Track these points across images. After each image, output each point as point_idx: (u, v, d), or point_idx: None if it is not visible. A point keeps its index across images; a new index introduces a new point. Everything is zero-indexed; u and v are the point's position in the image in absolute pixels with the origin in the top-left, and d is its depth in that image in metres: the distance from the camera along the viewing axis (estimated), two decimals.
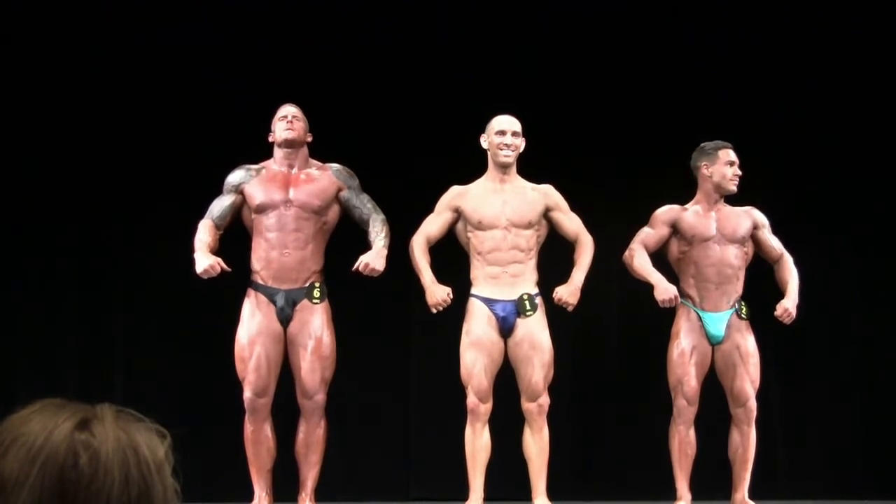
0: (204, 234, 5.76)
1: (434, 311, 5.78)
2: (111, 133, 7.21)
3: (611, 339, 7.42)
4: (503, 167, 5.88)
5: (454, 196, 5.93)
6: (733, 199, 6.12)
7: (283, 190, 5.82)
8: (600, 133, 7.34)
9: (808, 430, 7.33)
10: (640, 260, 6.01)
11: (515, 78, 7.27)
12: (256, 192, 5.83)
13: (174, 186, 7.09)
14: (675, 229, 6.07)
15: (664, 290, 5.90)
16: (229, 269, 5.66)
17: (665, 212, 6.10)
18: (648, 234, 6.07)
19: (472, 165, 6.01)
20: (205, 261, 5.63)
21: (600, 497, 6.95)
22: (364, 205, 5.88)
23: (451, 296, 5.77)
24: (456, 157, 6.28)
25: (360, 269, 5.66)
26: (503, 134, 5.85)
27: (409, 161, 7.26)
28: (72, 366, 7.16)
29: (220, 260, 5.64)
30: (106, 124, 7.21)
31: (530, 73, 7.35)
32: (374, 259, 5.69)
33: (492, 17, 7.44)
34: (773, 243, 6.10)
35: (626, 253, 6.04)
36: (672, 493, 6.05)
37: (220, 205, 5.87)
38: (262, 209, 5.81)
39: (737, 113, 7.17)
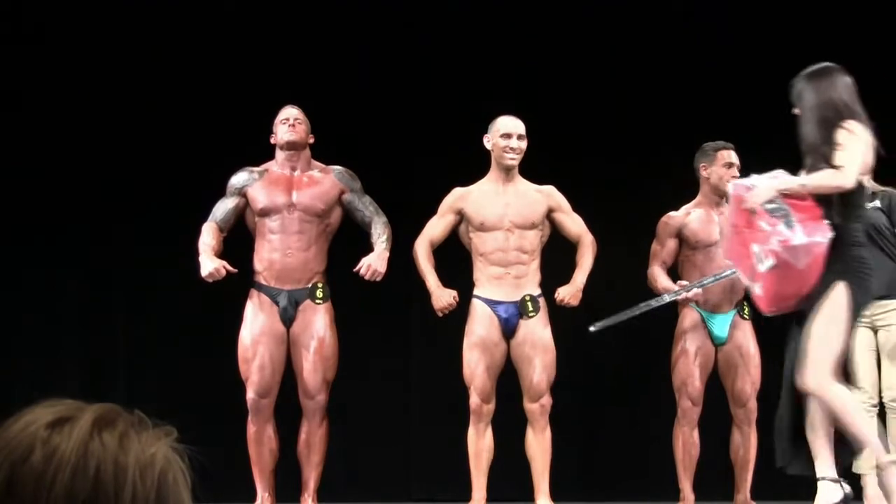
0: (208, 238, 5.77)
1: (440, 315, 5.80)
2: (114, 134, 7.22)
3: (613, 340, 7.40)
4: (507, 169, 5.88)
5: (457, 198, 5.93)
6: None
7: (286, 193, 5.83)
8: (602, 133, 7.33)
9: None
10: (661, 283, 6.03)
11: (517, 78, 7.27)
12: (259, 196, 5.84)
13: (176, 187, 7.09)
14: (680, 236, 6.08)
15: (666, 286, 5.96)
16: (235, 271, 5.68)
17: (668, 223, 6.09)
18: (661, 253, 6.09)
19: (472, 166, 6.01)
20: (210, 264, 5.64)
21: (603, 497, 6.95)
22: (366, 207, 5.89)
23: (457, 299, 5.79)
24: (457, 157, 6.28)
25: (361, 271, 5.68)
26: (509, 137, 5.84)
27: (410, 161, 7.26)
28: (74, 366, 7.16)
29: (225, 263, 5.66)
30: (109, 126, 7.21)
31: (532, 73, 7.35)
32: (375, 261, 5.71)
33: (493, 17, 7.44)
34: None
35: (650, 283, 6.07)
36: (675, 494, 6.05)
37: (224, 207, 5.88)
38: (265, 213, 5.82)
39: (741, 112, 7.17)
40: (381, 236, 5.81)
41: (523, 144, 5.87)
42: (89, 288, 7.28)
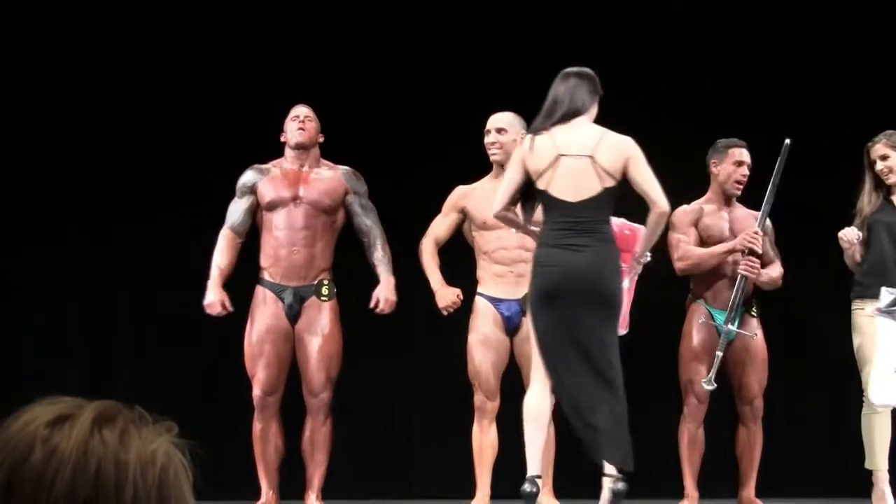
0: (221, 258, 5.77)
1: (444, 313, 5.81)
2: (116, 134, 7.22)
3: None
4: (499, 165, 5.88)
5: (459, 197, 5.95)
6: (746, 201, 6.11)
7: (294, 187, 5.83)
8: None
9: (814, 428, 7.33)
10: (703, 250, 5.98)
11: (517, 79, 7.26)
12: (267, 190, 5.84)
13: (178, 187, 7.11)
14: (695, 228, 6.05)
15: (737, 241, 5.88)
16: (231, 310, 5.72)
17: (686, 214, 6.05)
18: (687, 241, 6.01)
19: (476, 165, 6.02)
20: (211, 296, 5.68)
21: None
22: (366, 214, 5.88)
23: (461, 297, 5.80)
24: (458, 156, 6.28)
25: (379, 306, 5.75)
26: (488, 133, 5.87)
27: (412, 160, 7.26)
28: (75, 365, 7.17)
29: (226, 298, 5.68)
30: (110, 125, 7.22)
31: (532, 74, 7.33)
32: (388, 293, 5.77)
33: (494, 18, 7.44)
34: (772, 254, 6.06)
35: (680, 264, 5.99)
36: (677, 491, 6.05)
37: (238, 210, 5.86)
38: (272, 206, 5.82)
39: (742, 112, 7.17)
40: (381, 259, 5.81)
41: (504, 138, 5.83)
42: (92, 288, 7.29)
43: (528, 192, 5.14)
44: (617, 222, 5.21)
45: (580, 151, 5.01)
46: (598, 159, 5.00)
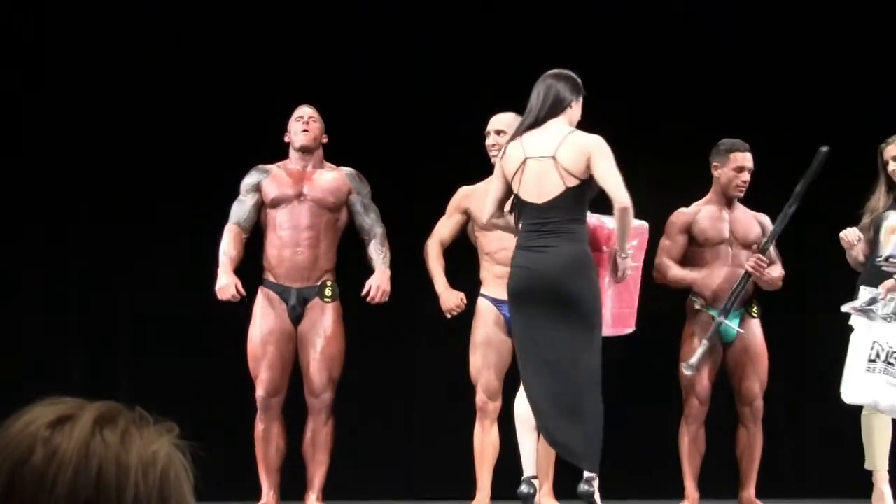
0: (229, 247, 5.77)
1: (448, 316, 5.82)
2: (116, 135, 7.22)
3: (618, 337, 7.40)
4: None
5: (462, 197, 5.95)
6: (748, 201, 6.10)
7: (298, 185, 5.83)
8: (602, 133, 7.31)
9: (814, 428, 7.33)
10: (673, 272, 5.99)
11: (518, 79, 7.25)
12: (271, 188, 5.84)
13: (179, 187, 7.10)
14: (689, 232, 6.04)
15: (705, 282, 5.93)
16: (244, 294, 5.71)
17: (678, 219, 6.05)
18: (671, 248, 6.02)
19: (474, 166, 6.02)
20: (224, 279, 5.67)
21: (606, 495, 6.92)
22: (367, 213, 5.89)
23: (465, 300, 5.80)
24: (458, 156, 6.28)
25: (370, 294, 5.73)
26: (488, 134, 5.86)
27: (412, 160, 7.26)
28: (76, 362, 7.18)
29: (238, 282, 5.67)
30: (109, 128, 7.21)
31: (533, 75, 7.33)
32: (383, 282, 5.75)
33: (494, 19, 7.44)
34: (773, 255, 6.04)
35: (657, 273, 6.00)
36: (678, 492, 6.05)
37: (243, 207, 5.85)
38: (276, 203, 5.81)
39: (742, 112, 7.16)
40: (379, 253, 5.82)
41: (502, 139, 5.80)
42: (91, 284, 7.28)
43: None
44: (593, 220, 5.20)
45: (544, 153, 5.07)
46: (560, 159, 5.04)
